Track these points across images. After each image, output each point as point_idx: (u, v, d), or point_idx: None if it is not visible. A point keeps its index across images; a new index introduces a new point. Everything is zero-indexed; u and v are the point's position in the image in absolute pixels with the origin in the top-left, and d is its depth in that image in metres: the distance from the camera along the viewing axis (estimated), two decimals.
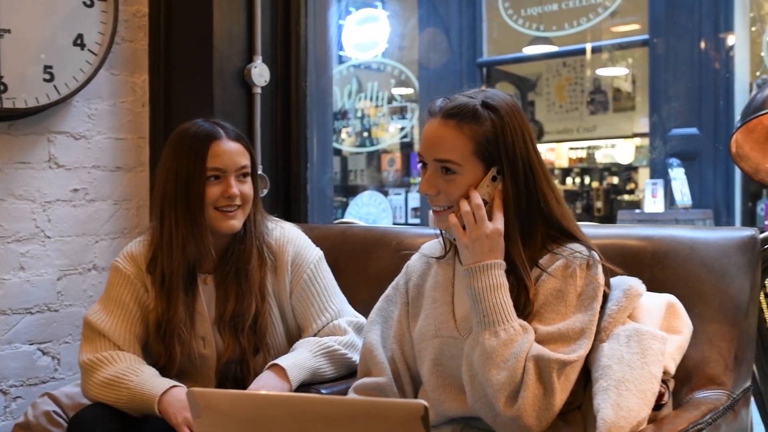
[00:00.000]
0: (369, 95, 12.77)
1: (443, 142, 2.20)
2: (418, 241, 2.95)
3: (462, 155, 2.19)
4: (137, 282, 2.81)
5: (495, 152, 2.19)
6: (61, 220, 3.65)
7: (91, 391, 2.65)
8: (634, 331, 2.15)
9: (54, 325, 3.65)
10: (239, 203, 2.74)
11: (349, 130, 13.16)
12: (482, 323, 2.12)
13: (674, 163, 8.97)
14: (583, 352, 2.10)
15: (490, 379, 2.07)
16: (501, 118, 2.20)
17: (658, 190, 8.75)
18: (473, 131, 2.19)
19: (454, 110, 2.21)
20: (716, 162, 9.37)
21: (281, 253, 2.86)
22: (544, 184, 2.24)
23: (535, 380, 2.05)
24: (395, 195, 12.50)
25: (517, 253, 2.20)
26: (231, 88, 3.82)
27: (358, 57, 11.47)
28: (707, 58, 9.42)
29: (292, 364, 2.65)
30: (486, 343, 2.10)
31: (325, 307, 2.87)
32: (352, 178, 13.83)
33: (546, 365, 2.05)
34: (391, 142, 13.25)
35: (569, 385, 2.08)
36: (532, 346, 2.08)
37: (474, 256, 2.17)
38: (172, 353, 2.75)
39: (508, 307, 2.13)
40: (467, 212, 2.17)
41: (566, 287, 2.16)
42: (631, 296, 2.23)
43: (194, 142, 2.72)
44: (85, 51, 3.58)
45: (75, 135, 3.68)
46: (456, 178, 2.21)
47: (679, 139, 9.45)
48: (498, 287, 2.14)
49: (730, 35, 9.38)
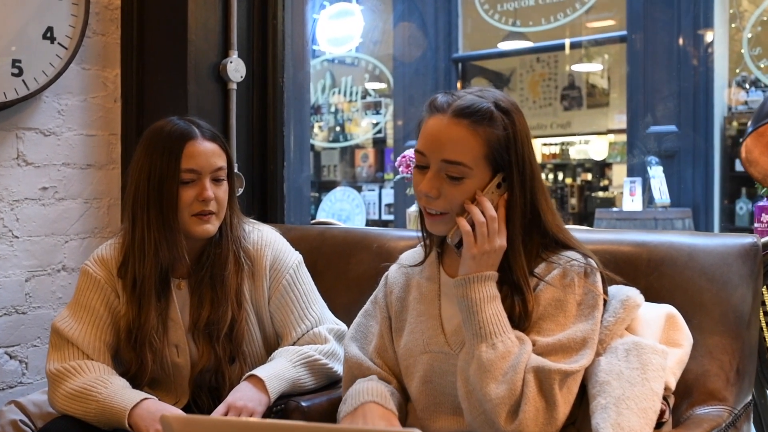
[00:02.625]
0: (343, 90, 12.75)
1: (454, 142, 2.09)
2: (400, 243, 2.92)
3: (474, 158, 2.09)
4: (107, 287, 2.72)
5: (505, 158, 2.10)
6: (30, 219, 3.56)
7: (58, 403, 2.57)
8: (633, 345, 2.08)
9: (22, 327, 3.56)
10: (213, 209, 2.65)
11: (321, 124, 13.13)
12: (478, 335, 2.04)
13: (653, 161, 8.96)
14: (586, 362, 2.03)
15: (489, 393, 1.99)
16: (513, 123, 2.11)
17: (636, 188, 8.73)
18: (487, 134, 2.08)
19: (468, 110, 2.09)
20: (695, 160, 9.38)
21: (259, 257, 2.78)
22: (541, 193, 2.16)
23: (536, 393, 1.97)
24: (369, 191, 12.51)
25: (519, 265, 2.12)
26: (206, 84, 3.76)
27: (332, 51, 11.41)
28: (686, 54, 9.43)
29: (270, 375, 2.57)
30: (483, 356, 2.02)
31: (305, 314, 2.79)
32: (325, 174, 13.87)
33: (547, 377, 1.97)
34: (365, 138, 13.23)
35: (571, 398, 2.01)
36: (530, 358, 2.01)
37: (477, 268, 2.09)
38: (144, 361, 2.66)
39: (504, 319, 2.06)
40: (481, 223, 2.07)
41: (565, 297, 2.08)
42: (629, 307, 2.15)
43: (168, 141, 2.63)
44: (55, 44, 3.50)
45: (44, 131, 3.60)
46: (463, 183, 2.10)
47: (657, 137, 9.44)
48: (493, 298, 2.07)
49: (709, 31, 9.38)
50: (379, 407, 2.23)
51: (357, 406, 2.25)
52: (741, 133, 9.56)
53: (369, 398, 2.25)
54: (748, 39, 9.18)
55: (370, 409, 2.23)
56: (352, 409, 2.26)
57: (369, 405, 2.24)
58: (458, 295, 2.10)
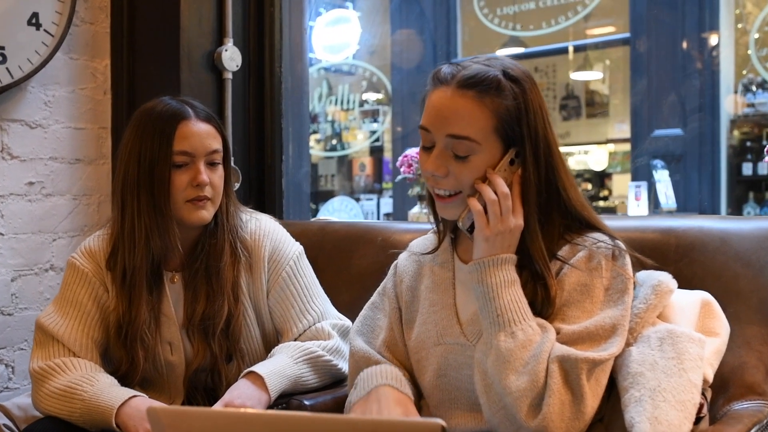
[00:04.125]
0: (339, 98, 12.67)
1: (460, 115, 1.94)
2: (406, 237, 2.78)
3: (482, 132, 1.93)
4: (96, 280, 2.60)
5: (517, 131, 1.95)
6: (16, 216, 3.44)
7: (41, 402, 2.45)
8: (667, 333, 1.92)
9: (8, 330, 3.43)
10: (209, 195, 2.52)
11: (318, 135, 13.06)
12: (495, 323, 1.89)
13: (658, 165, 8.83)
14: (616, 350, 1.87)
15: (509, 386, 1.84)
16: (524, 91, 1.96)
17: (641, 192, 8.58)
18: (495, 105, 1.93)
19: (473, 79, 1.94)
20: (701, 164, 9.28)
21: (257, 248, 2.65)
22: (563, 169, 2.01)
23: (561, 384, 1.82)
24: (367, 200, 12.43)
25: (536, 246, 1.96)
26: (200, 74, 3.64)
27: (328, 59, 11.34)
28: (690, 57, 9.34)
29: (270, 372, 2.43)
30: (501, 346, 1.87)
31: (307, 309, 2.65)
32: (322, 184, 13.78)
33: (573, 366, 1.82)
34: (363, 147, 13.15)
35: (600, 390, 1.86)
36: (554, 347, 1.86)
37: (491, 250, 1.94)
38: (135, 359, 2.54)
39: (524, 305, 1.91)
40: (493, 201, 1.92)
41: (592, 281, 1.93)
42: (662, 293, 2.00)
43: (160, 122, 2.50)
44: (41, 31, 3.37)
45: (30, 123, 3.48)
46: (472, 159, 1.95)
47: (662, 141, 9.33)
48: (511, 283, 1.92)
49: (714, 34, 9.32)
50: (394, 391, 2.10)
51: (370, 390, 2.11)
52: (747, 137, 9.47)
53: (382, 381, 2.11)
54: (755, 40, 9.09)
55: (384, 393, 2.09)
56: (364, 393, 2.12)
57: (383, 389, 2.10)
58: (473, 280, 1.95)
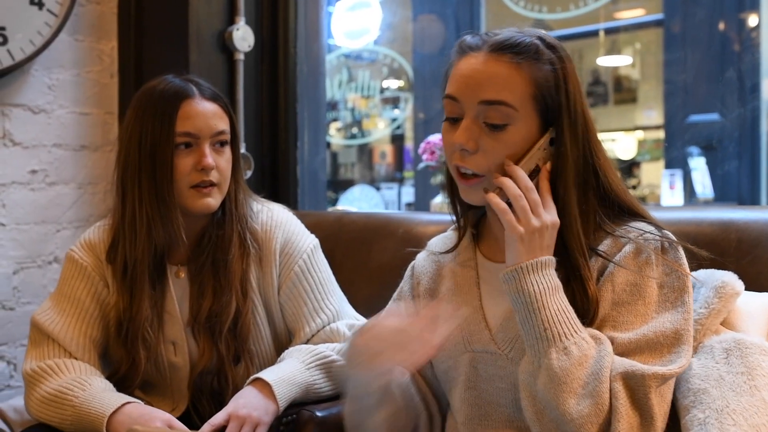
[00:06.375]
0: (360, 86, 12.58)
1: (494, 80, 1.75)
2: (429, 229, 2.66)
3: (520, 98, 1.74)
4: (95, 275, 2.48)
5: (556, 103, 1.75)
6: (18, 205, 3.38)
7: (32, 408, 2.33)
8: (734, 343, 1.72)
9: (9, 325, 3.37)
10: (215, 180, 2.38)
11: (339, 123, 13.00)
12: (543, 339, 1.67)
13: (694, 152, 8.65)
14: (685, 362, 1.66)
15: (569, 411, 1.62)
16: (563, 61, 1.77)
17: (676, 181, 8.39)
18: (533, 70, 1.75)
19: (508, 43, 1.77)
20: (741, 151, 9.07)
21: (268, 240, 2.51)
22: (600, 148, 1.82)
23: (629, 406, 1.61)
24: (388, 189, 12.36)
25: (575, 241, 1.76)
26: (210, 54, 3.55)
27: (348, 45, 11.25)
28: (728, 38, 9.18)
29: (279, 379, 2.29)
30: (555, 365, 1.65)
31: (320, 307, 2.50)
32: (342, 172, 13.73)
33: (640, 384, 1.61)
34: (383, 135, 13.06)
35: (667, 408, 1.66)
36: (614, 361, 1.65)
37: (530, 251, 1.72)
38: (136, 359, 2.42)
39: (572, 314, 1.69)
40: (518, 195, 1.72)
41: (643, 279, 1.72)
42: (726, 296, 1.80)
43: (161, 102, 2.36)
44: (43, 11, 3.30)
45: (33, 108, 3.41)
46: (507, 131, 1.75)
47: (698, 127, 9.15)
48: (555, 289, 1.70)
49: (754, 14, 9.11)
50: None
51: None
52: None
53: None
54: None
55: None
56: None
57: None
58: (511, 291, 1.73)
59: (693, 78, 9.32)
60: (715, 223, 2.17)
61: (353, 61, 12.63)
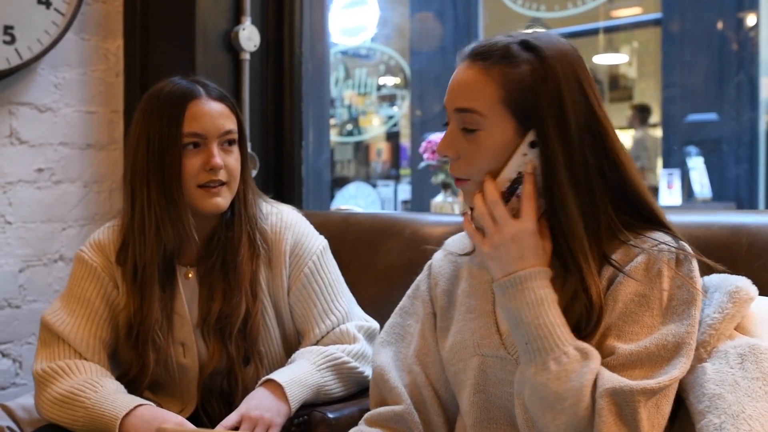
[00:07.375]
0: (356, 83, 12.57)
1: (465, 87, 1.78)
2: (436, 230, 2.67)
3: (487, 104, 1.75)
4: (105, 276, 2.48)
5: (532, 104, 1.74)
6: (24, 203, 3.38)
7: (43, 409, 2.33)
8: (748, 348, 1.70)
9: (15, 323, 3.38)
10: (224, 179, 2.39)
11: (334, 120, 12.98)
12: (525, 353, 1.69)
13: (692, 152, 8.65)
14: (678, 373, 1.64)
15: (547, 425, 1.65)
16: (543, 60, 1.74)
17: (674, 180, 8.37)
18: (503, 74, 1.74)
19: (483, 49, 1.78)
20: (738, 150, 9.06)
21: (277, 241, 2.51)
22: (620, 149, 1.78)
23: (613, 422, 1.60)
24: (384, 187, 12.34)
25: (577, 243, 1.74)
26: (216, 54, 3.55)
27: (345, 42, 11.26)
28: (726, 38, 9.18)
29: (291, 380, 2.28)
30: (534, 380, 1.66)
31: (330, 308, 2.50)
32: (338, 169, 13.74)
33: (628, 401, 1.60)
34: (379, 132, 13.05)
35: (662, 419, 1.64)
36: (602, 376, 1.63)
37: (503, 267, 1.73)
38: (145, 361, 2.42)
39: (558, 328, 1.67)
40: (481, 214, 1.74)
41: (651, 291, 1.71)
42: (740, 301, 1.77)
43: (169, 103, 2.37)
44: (51, 10, 3.31)
45: (40, 107, 3.42)
46: (479, 135, 1.76)
47: (696, 126, 9.14)
48: (539, 303, 1.69)
49: (752, 14, 9.11)
50: None
51: None
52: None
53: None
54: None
55: None
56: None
57: None
58: (500, 304, 1.76)
59: (691, 77, 9.32)
60: (726, 227, 2.16)
61: (350, 58, 12.63)
